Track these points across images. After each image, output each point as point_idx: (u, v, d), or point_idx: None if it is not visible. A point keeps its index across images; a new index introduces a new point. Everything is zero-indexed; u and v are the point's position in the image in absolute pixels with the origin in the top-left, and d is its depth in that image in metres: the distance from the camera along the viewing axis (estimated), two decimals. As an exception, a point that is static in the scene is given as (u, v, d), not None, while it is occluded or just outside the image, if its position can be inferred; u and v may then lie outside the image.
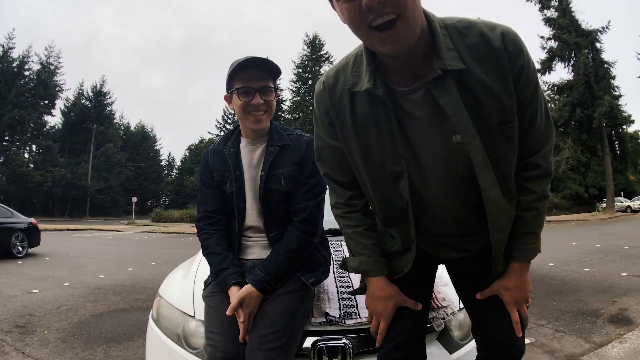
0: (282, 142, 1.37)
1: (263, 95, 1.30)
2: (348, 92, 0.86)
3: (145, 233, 17.85)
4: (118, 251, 9.38)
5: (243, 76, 1.29)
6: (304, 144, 1.37)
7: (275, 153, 1.34)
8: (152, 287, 4.80)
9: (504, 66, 0.76)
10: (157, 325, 1.44)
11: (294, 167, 1.34)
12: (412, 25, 0.72)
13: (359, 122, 0.87)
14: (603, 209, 24.07)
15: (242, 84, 1.28)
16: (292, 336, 1.15)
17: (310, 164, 1.34)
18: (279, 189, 1.33)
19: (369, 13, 0.69)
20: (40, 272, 5.95)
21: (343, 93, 0.88)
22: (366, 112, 0.86)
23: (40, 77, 38.54)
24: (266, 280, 1.21)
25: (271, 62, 1.30)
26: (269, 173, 1.33)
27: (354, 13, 0.71)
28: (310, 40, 39.96)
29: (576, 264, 5.82)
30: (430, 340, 1.30)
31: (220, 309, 1.19)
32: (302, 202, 1.32)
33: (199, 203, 1.41)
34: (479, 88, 0.77)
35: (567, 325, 3.01)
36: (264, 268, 1.24)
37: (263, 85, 1.30)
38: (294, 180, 1.34)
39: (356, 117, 0.87)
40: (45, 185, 35.58)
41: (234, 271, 1.25)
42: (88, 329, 3.15)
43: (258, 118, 1.31)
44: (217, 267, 1.27)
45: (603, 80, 23.76)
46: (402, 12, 0.69)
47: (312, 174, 1.34)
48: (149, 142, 52.88)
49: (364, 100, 0.85)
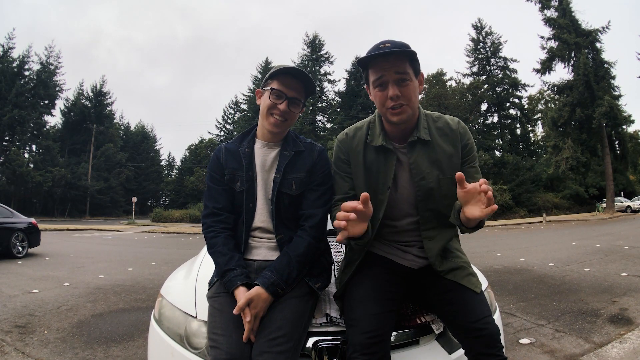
0: (297, 148, 1.41)
1: (291, 105, 1.36)
2: (363, 144, 1.35)
3: (145, 233, 17.85)
4: (118, 251, 9.39)
5: (282, 80, 1.35)
6: (316, 153, 1.43)
7: (290, 157, 1.38)
8: (152, 287, 4.81)
9: (457, 139, 1.32)
10: (159, 325, 1.45)
11: (305, 174, 1.39)
12: (412, 110, 1.26)
13: (367, 163, 1.34)
14: (603, 209, 24.07)
15: (278, 86, 1.34)
16: (299, 339, 1.17)
17: (320, 172, 1.40)
18: (289, 193, 1.37)
19: (390, 100, 1.23)
20: (40, 272, 5.95)
21: (359, 143, 1.36)
22: (374, 158, 1.33)
23: (41, 77, 38.50)
24: (278, 284, 1.22)
25: (312, 80, 1.40)
26: (282, 177, 1.37)
27: (382, 98, 1.24)
28: (310, 41, 40.00)
29: (576, 264, 5.83)
30: (430, 341, 1.31)
31: (225, 311, 1.20)
32: (312, 209, 1.36)
33: (207, 199, 1.41)
34: (440, 151, 1.30)
35: (567, 325, 3.01)
36: (276, 271, 1.24)
37: (295, 97, 1.36)
38: (304, 186, 1.39)
39: (366, 159, 1.34)
40: (45, 185, 35.56)
41: (241, 272, 1.25)
42: (88, 329, 3.15)
43: (277, 122, 1.35)
44: (224, 267, 1.27)
45: (603, 80, 23.75)
46: (408, 102, 1.24)
47: (323, 182, 1.39)
48: (149, 142, 52.87)
49: (373, 150, 1.34)
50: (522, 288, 4.37)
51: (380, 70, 1.22)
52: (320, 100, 38.85)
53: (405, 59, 1.22)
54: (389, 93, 1.21)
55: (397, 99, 1.21)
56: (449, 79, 34.86)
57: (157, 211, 33.17)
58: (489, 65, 32.70)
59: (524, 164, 28.09)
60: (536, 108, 35.54)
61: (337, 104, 38.66)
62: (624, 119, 24.14)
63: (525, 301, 3.81)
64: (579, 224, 16.59)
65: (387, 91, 1.22)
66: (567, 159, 23.65)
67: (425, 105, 27.32)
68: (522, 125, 33.74)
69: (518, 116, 32.84)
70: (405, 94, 1.22)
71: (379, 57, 1.19)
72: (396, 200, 1.33)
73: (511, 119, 32.91)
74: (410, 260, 1.36)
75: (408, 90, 1.22)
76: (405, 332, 1.29)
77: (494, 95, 31.85)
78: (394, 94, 1.21)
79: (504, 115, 32.62)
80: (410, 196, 1.32)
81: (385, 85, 1.23)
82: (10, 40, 37.15)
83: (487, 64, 32.80)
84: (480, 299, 1.23)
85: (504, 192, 24.43)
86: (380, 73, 1.22)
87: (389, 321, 1.20)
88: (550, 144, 26.37)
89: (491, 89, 31.85)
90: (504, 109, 32.37)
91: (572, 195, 27.78)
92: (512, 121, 33.03)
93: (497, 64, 32.48)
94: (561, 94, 25.45)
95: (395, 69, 1.20)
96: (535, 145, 35.57)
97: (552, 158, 25.84)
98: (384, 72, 1.21)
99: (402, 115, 1.24)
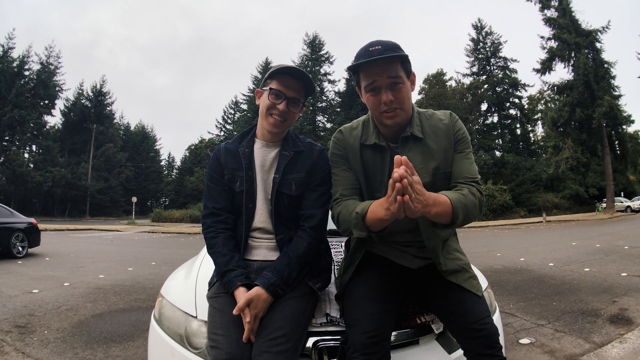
0: (297, 148, 1.41)
1: (290, 105, 1.35)
2: (359, 143, 1.34)
3: (145, 233, 17.85)
4: (118, 251, 9.39)
5: (281, 80, 1.34)
6: (316, 153, 1.42)
7: (290, 157, 1.38)
8: (152, 287, 4.81)
9: (449, 132, 1.31)
10: (159, 325, 1.45)
11: (305, 174, 1.38)
12: (405, 112, 1.27)
13: (364, 161, 1.33)
14: (603, 209, 24.07)
15: (277, 86, 1.34)
16: (299, 339, 1.17)
17: (320, 172, 1.39)
18: (289, 194, 1.37)
19: (384, 105, 1.22)
20: (40, 272, 5.95)
21: (355, 141, 1.35)
22: (370, 156, 1.33)
23: (40, 77, 38.52)
24: (279, 284, 1.22)
25: (311, 80, 1.39)
26: (282, 177, 1.36)
27: (375, 102, 1.24)
28: (310, 41, 39.98)
29: (576, 264, 5.84)
30: (430, 341, 1.32)
31: (225, 311, 1.20)
32: (312, 209, 1.36)
33: (207, 199, 1.41)
34: (433, 147, 1.29)
35: (567, 325, 3.01)
36: (276, 272, 1.24)
37: (294, 97, 1.35)
38: (304, 187, 1.38)
39: (363, 158, 1.33)
40: (45, 185, 35.57)
41: (241, 273, 1.25)
42: (88, 329, 3.16)
43: (277, 123, 1.35)
44: (224, 267, 1.27)
45: (603, 80, 23.75)
46: (401, 106, 1.24)
47: (322, 182, 1.39)
48: (149, 142, 52.87)
49: (368, 149, 1.33)
50: (522, 288, 4.38)
51: (372, 76, 1.21)
52: (320, 100, 38.84)
53: (397, 62, 1.21)
54: (382, 98, 1.21)
55: (390, 103, 1.21)
56: (449, 79, 34.89)
57: (157, 211, 33.15)
58: (489, 65, 32.71)
59: (524, 164, 28.08)
60: (536, 108, 35.52)
61: (337, 104, 38.66)
62: (624, 119, 24.13)
63: (525, 301, 3.81)
64: (579, 224, 16.60)
65: (380, 96, 1.22)
66: (567, 159, 23.65)
67: (426, 105, 27.34)
68: (522, 125, 33.75)
69: (518, 116, 32.83)
70: (399, 97, 1.21)
71: (370, 62, 1.18)
72: None
73: (511, 119, 32.90)
74: (409, 260, 1.37)
75: (401, 94, 1.22)
76: (405, 331, 1.29)
77: (494, 95, 31.85)
78: (387, 99, 1.21)
79: (504, 115, 32.61)
80: None
81: (377, 90, 1.22)
82: (10, 40, 37.22)
83: (487, 64, 32.81)
84: (480, 300, 1.23)
85: (503, 192, 24.40)
86: (372, 78, 1.21)
87: (389, 321, 1.21)
88: (550, 144, 26.38)
89: (491, 89, 31.86)
90: (504, 109, 32.37)
91: (572, 195, 27.78)
92: (512, 121, 33.03)
93: (497, 64, 32.49)
94: (561, 94, 25.46)
95: (387, 73, 1.19)
96: (535, 145, 35.57)
97: (552, 158, 25.85)
98: (375, 78, 1.21)
99: (396, 119, 1.24)
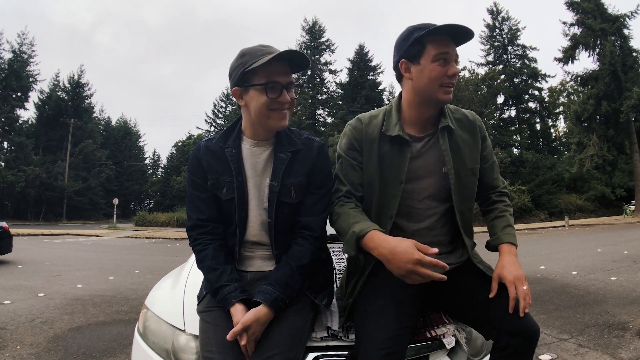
0: (293, 147, 1.32)
1: (289, 92, 1.26)
2: (379, 132, 1.37)
3: (127, 238, 17.85)
4: (98, 258, 9.38)
5: (267, 69, 1.21)
6: (315, 150, 1.35)
7: (287, 160, 1.30)
8: (135, 297, 4.82)
9: (475, 131, 1.42)
10: (143, 339, 1.45)
11: (305, 178, 1.32)
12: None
13: (381, 154, 1.36)
14: (631, 211, 24.07)
15: (267, 79, 1.21)
16: (296, 357, 1.16)
17: (321, 172, 1.33)
18: (289, 202, 1.30)
19: (447, 77, 1.28)
20: (12, 282, 5.95)
21: (374, 131, 1.38)
22: (388, 149, 1.36)
23: (12, 66, 38.48)
24: (282, 299, 1.19)
25: (296, 53, 1.23)
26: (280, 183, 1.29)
27: (442, 72, 1.28)
28: (309, 27, 39.91)
29: (602, 272, 5.84)
30: (441, 356, 1.32)
31: (219, 325, 1.18)
32: (312, 215, 1.31)
33: (190, 209, 1.33)
34: (460, 141, 1.38)
35: (592, 340, 3.02)
36: (278, 285, 1.20)
37: (289, 81, 1.25)
38: (303, 191, 1.32)
39: (380, 150, 1.36)
40: (17, 185, 35.53)
41: (235, 288, 1.21)
42: (65, 343, 3.16)
43: (283, 114, 1.26)
44: (215, 284, 1.22)
45: (631, 70, 23.73)
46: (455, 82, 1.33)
47: (322, 184, 1.33)
48: (132, 138, 52.89)
49: (387, 140, 1.36)
50: (542, 299, 4.38)
51: (447, 46, 1.28)
52: (320, 92, 38.85)
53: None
54: (449, 70, 1.28)
55: (453, 77, 1.30)
56: (462, 68, 34.81)
57: (140, 214, 33.18)
58: (506, 54, 32.68)
59: (544, 162, 28.07)
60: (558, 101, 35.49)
61: (339, 97, 38.62)
62: (655, 113, 24.16)
63: (546, 313, 3.82)
64: (605, 229, 16.60)
65: (448, 68, 1.29)
66: (591, 156, 23.65)
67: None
68: (542, 120, 33.72)
69: (538, 110, 32.82)
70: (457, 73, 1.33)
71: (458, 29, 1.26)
72: (410, 195, 1.36)
73: (530, 113, 32.88)
74: None
75: (458, 71, 1.32)
76: (415, 346, 1.29)
77: (511, 87, 31.83)
78: (454, 72, 1.29)
79: (523, 108, 32.60)
80: (427, 189, 1.36)
81: (448, 61, 1.29)
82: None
83: (504, 53, 32.78)
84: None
85: (522, 193, 24.44)
86: (447, 48, 1.28)
87: (406, 337, 1.20)
88: (574, 140, 26.36)
89: (508, 79, 31.83)
90: (522, 101, 32.36)
91: (597, 197, 27.76)
92: (531, 115, 33.00)
93: (514, 52, 32.44)
94: (585, 85, 25.44)
95: (456, 47, 1.31)
96: (557, 142, 35.60)
97: (575, 156, 25.84)
98: (449, 49, 1.28)
99: (450, 95, 1.31)
